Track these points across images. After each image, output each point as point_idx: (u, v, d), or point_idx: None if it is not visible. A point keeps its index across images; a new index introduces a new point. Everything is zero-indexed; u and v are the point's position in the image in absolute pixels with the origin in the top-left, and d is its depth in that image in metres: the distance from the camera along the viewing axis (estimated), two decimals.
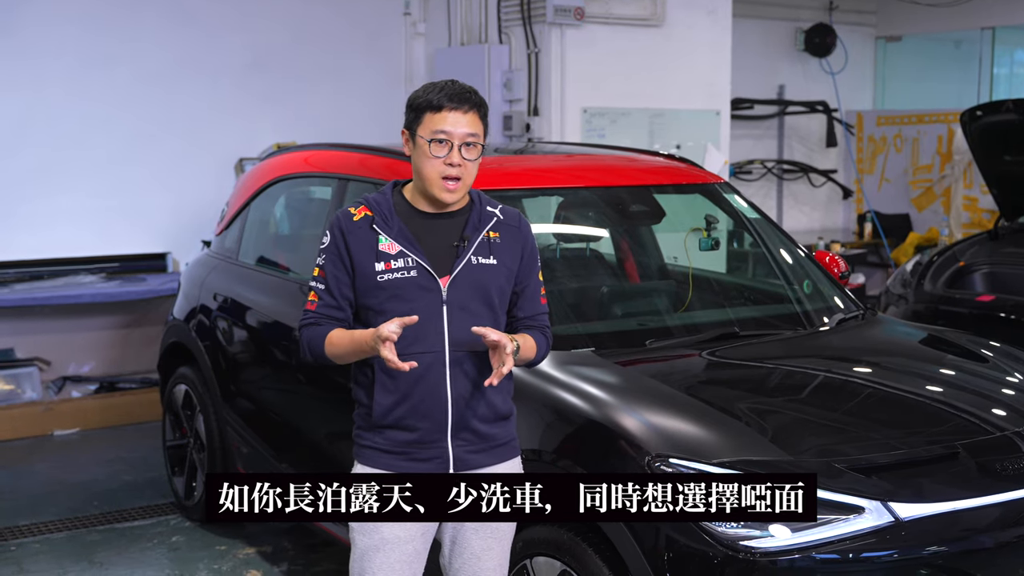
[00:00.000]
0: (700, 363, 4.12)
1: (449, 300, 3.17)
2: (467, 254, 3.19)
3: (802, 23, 10.97)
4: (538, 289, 3.35)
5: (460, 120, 3.13)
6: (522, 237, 3.30)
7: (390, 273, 3.15)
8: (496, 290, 3.23)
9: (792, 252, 5.05)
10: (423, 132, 3.14)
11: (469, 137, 3.14)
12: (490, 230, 3.24)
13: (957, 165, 10.52)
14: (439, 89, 3.16)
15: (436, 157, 3.12)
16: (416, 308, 3.14)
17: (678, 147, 8.42)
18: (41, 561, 5.34)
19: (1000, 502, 3.42)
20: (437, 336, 3.16)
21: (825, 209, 11.53)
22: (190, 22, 8.05)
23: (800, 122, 11.20)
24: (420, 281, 3.16)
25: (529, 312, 3.33)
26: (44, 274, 7.63)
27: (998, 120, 7.40)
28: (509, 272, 3.25)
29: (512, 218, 3.31)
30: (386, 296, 3.17)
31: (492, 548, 3.31)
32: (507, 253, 3.25)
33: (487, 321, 3.19)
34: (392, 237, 3.18)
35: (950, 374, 4.27)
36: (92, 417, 7.51)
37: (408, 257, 3.16)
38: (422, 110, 3.16)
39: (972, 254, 7.49)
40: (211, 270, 5.79)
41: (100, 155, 7.79)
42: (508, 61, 8.07)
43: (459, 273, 3.18)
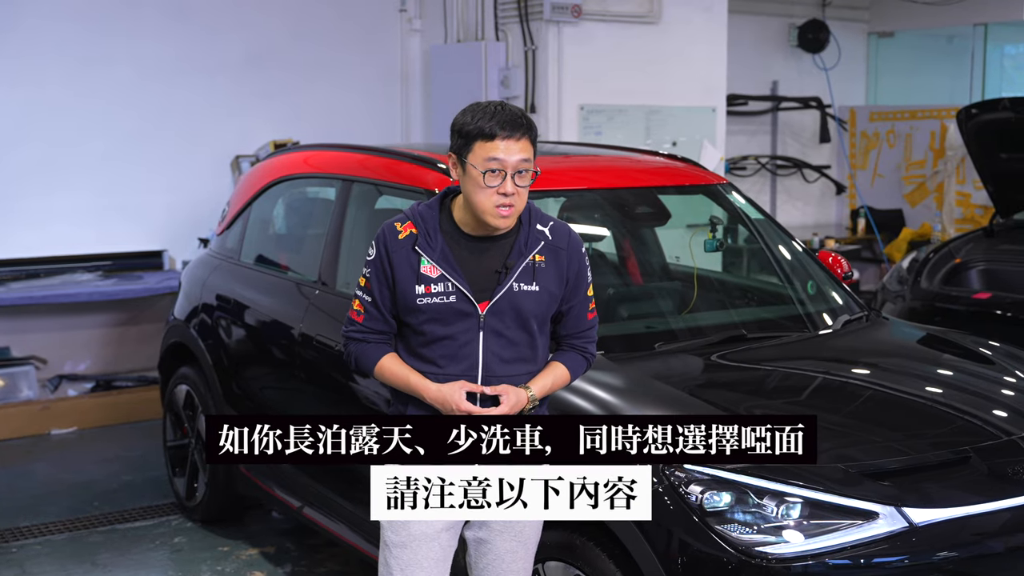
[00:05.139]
0: (710, 366, 4.13)
1: (486, 326, 3.18)
2: (509, 281, 3.17)
3: (795, 19, 10.98)
4: (586, 306, 3.33)
5: (513, 148, 3.07)
6: (569, 258, 3.25)
7: (429, 297, 3.15)
8: (535, 316, 3.21)
9: (796, 253, 5.06)
10: (475, 161, 3.08)
11: (522, 164, 3.09)
12: (536, 253, 3.21)
13: (950, 161, 10.55)
14: (490, 115, 3.09)
15: (490, 187, 3.07)
16: (453, 332, 3.17)
17: (674, 144, 8.43)
18: (43, 563, 5.32)
19: (1011, 507, 3.44)
20: (471, 359, 3.19)
21: (818, 204, 11.55)
22: (187, 19, 8.02)
23: (794, 118, 11.21)
24: (459, 306, 3.16)
25: (572, 330, 3.34)
26: (40, 272, 7.60)
27: (994, 118, 7.43)
28: (552, 296, 3.24)
29: (561, 238, 3.26)
30: (425, 318, 3.18)
31: (517, 551, 3.33)
32: (551, 278, 3.22)
33: (523, 346, 3.22)
34: (434, 260, 3.16)
35: (958, 377, 4.29)
36: (89, 416, 7.49)
37: (449, 282, 3.16)
38: (472, 137, 3.09)
39: (968, 251, 7.52)
40: (212, 270, 5.78)
41: (96, 152, 7.76)
42: (505, 58, 8.06)
43: (498, 300, 3.17)
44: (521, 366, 3.22)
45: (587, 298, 3.33)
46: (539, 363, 3.28)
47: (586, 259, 3.32)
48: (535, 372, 3.26)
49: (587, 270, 3.32)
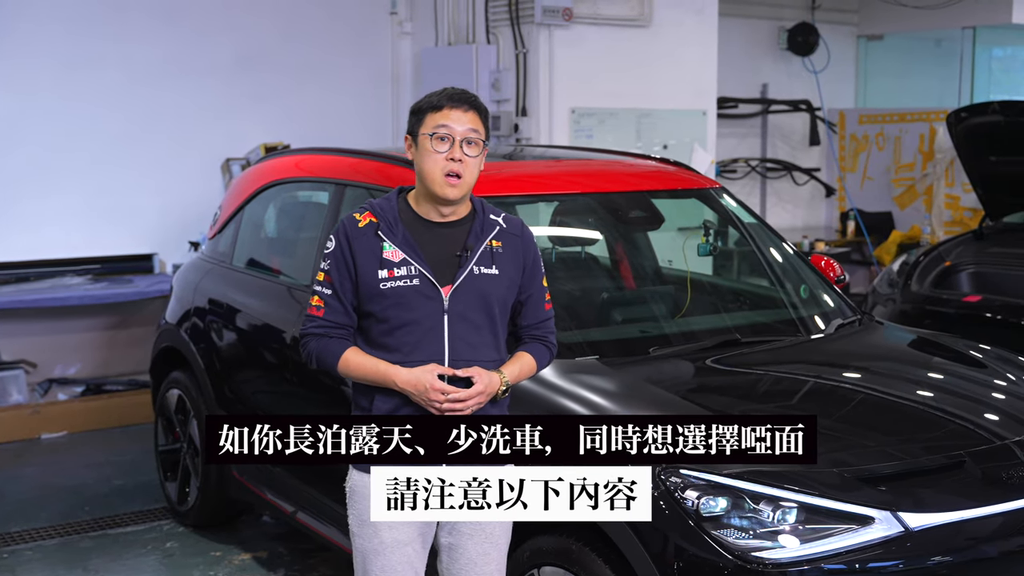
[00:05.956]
0: (705, 371, 4.13)
1: (450, 310, 3.21)
2: (469, 264, 3.23)
3: (785, 22, 10.99)
4: (542, 296, 3.40)
5: (461, 117, 3.20)
6: (524, 246, 3.34)
7: (393, 281, 3.20)
8: (497, 300, 3.27)
9: (788, 256, 5.07)
10: (424, 130, 3.21)
11: (470, 133, 3.20)
12: (493, 239, 3.28)
13: (939, 164, 10.59)
14: (440, 92, 3.25)
15: (438, 152, 3.18)
16: (417, 317, 3.20)
17: (665, 147, 8.44)
18: (35, 569, 5.30)
19: (1005, 511, 3.45)
20: (437, 345, 3.22)
21: (808, 207, 11.58)
22: (176, 22, 7.99)
23: (783, 121, 11.23)
24: (422, 290, 3.20)
25: (532, 320, 3.39)
26: (30, 276, 7.57)
27: (984, 121, 7.46)
28: (511, 282, 3.30)
29: (515, 227, 3.35)
30: (388, 303, 3.21)
31: (489, 554, 3.35)
32: (509, 263, 3.30)
33: (487, 331, 3.26)
34: (396, 244, 3.22)
35: (952, 382, 4.30)
36: (79, 420, 7.46)
37: (411, 265, 3.20)
38: (424, 112, 3.24)
39: (958, 254, 7.54)
40: (205, 274, 5.76)
41: (86, 156, 7.73)
42: (496, 61, 8.06)
43: (461, 283, 3.22)
44: (486, 352, 3.27)
45: (543, 288, 3.41)
46: (502, 353, 3.33)
47: (538, 250, 3.41)
48: (500, 361, 3.30)
49: (541, 260, 3.40)
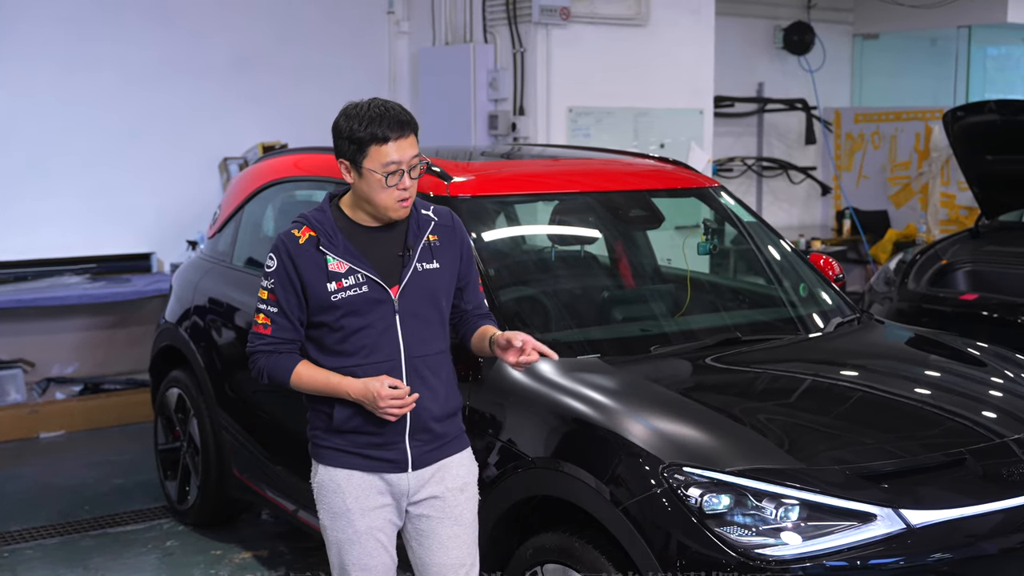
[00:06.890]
0: (705, 369, 4.13)
1: (401, 309, 3.31)
2: (412, 262, 3.33)
3: (781, 21, 11.02)
4: (477, 280, 3.57)
5: (405, 147, 3.24)
6: (458, 236, 3.47)
7: (343, 292, 3.27)
8: (443, 293, 3.41)
9: (787, 255, 5.08)
10: (373, 166, 3.22)
11: (414, 160, 3.27)
12: (430, 234, 3.39)
13: (935, 162, 10.61)
14: (378, 120, 3.21)
15: (391, 187, 3.24)
16: (371, 321, 3.29)
17: (662, 146, 8.46)
18: (35, 568, 5.31)
19: (1005, 508, 3.46)
20: (392, 345, 3.31)
21: (804, 206, 11.60)
22: (172, 23, 8.00)
23: (779, 119, 11.26)
24: (372, 295, 3.29)
25: (474, 303, 3.55)
26: (28, 275, 7.58)
27: (980, 120, 7.47)
28: (452, 273, 3.44)
29: (446, 218, 3.47)
30: (341, 313, 3.29)
31: (459, 536, 3.44)
32: (447, 254, 3.42)
33: (436, 324, 3.39)
34: (339, 256, 3.29)
35: (952, 380, 4.31)
36: (77, 419, 7.47)
37: (358, 273, 3.28)
38: (365, 143, 3.21)
39: (954, 252, 7.56)
40: (204, 273, 5.77)
41: (84, 156, 7.74)
42: (493, 60, 8.07)
43: (408, 282, 3.32)
44: (436, 344, 3.38)
45: (477, 272, 3.57)
46: (448, 341, 3.44)
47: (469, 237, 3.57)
48: (447, 351, 3.42)
49: (472, 247, 3.57)
